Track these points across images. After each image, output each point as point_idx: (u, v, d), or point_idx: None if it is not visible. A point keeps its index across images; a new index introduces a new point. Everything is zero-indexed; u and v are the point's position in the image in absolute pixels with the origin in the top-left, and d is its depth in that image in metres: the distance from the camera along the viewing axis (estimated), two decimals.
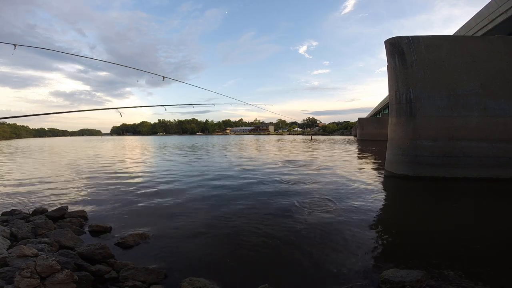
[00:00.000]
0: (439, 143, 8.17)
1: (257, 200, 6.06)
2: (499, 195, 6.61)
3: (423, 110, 8.30)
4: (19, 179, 8.98)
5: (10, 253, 2.71)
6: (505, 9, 8.92)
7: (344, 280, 2.78)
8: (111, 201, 5.97)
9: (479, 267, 3.02)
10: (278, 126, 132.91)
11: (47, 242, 3.24)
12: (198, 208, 5.46)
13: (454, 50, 8.22)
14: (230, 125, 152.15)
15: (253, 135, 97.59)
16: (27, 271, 2.15)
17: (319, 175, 9.26)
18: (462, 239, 3.90)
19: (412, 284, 2.52)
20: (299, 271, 3.02)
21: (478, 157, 7.91)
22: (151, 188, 7.42)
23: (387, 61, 9.31)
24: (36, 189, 7.28)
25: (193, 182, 8.32)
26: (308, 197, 6.21)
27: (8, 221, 4.20)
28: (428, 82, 8.28)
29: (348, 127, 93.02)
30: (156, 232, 4.09)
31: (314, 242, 3.74)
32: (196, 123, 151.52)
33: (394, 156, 8.96)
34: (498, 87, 7.95)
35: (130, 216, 4.95)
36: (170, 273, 2.92)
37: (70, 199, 6.23)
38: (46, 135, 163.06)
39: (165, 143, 39.25)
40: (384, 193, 6.87)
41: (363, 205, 5.48)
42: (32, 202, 5.91)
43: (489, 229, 4.37)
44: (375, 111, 53.83)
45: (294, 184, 7.75)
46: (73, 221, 4.41)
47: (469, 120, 8.06)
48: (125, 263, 2.96)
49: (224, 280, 2.76)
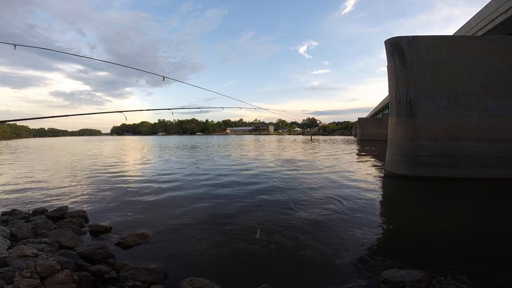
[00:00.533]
0: (439, 143, 8.17)
1: (257, 200, 6.06)
2: (499, 195, 6.61)
3: (423, 110, 8.30)
4: (19, 179, 8.98)
5: (10, 253, 2.71)
6: (505, 9, 8.91)
7: (344, 280, 2.78)
8: (111, 201, 5.97)
9: (479, 267, 3.02)
10: (278, 126, 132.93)
11: (47, 242, 3.24)
12: (198, 208, 5.46)
13: (454, 50, 8.22)
14: (230, 125, 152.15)
15: (253, 135, 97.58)
16: (27, 271, 2.15)
17: (319, 175, 9.26)
18: (462, 239, 3.90)
19: (412, 284, 2.52)
20: (299, 271, 3.02)
21: (478, 157, 7.91)
22: (151, 188, 7.42)
23: (387, 61, 9.31)
24: (36, 189, 7.28)
25: (193, 182, 8.32)
26: (307, 197, 6.21)
27: (8, 221, 4.20)
28: (428, 82, 8.28)
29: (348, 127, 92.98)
30: (156, 232, 4.09)
31: (314, 242, 3.73)
32: (196, 123, 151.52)
33: (394, 156, 8.96)
34: (498, 87, 7.95)
35: (130, 216, 4.95)
36: (170, 273, 2.92)
37: (70, 199, 6.23)
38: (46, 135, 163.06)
39: (165, 143, 39.24)
40: (384, 193, 6.87)
41: (363, 205, 5.48)
42: (32, 202, 5.91)
43: (489, 229, 4.37)
44: (375, 111, 53.82)
45: (294, 184, 7.75)
46: (73, 221, 4.41)
47: (469, 120, 8.06)
48: (125, 263, 2.97)
49: (224, 280, 2.76)
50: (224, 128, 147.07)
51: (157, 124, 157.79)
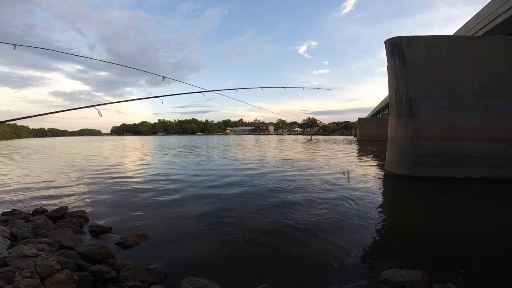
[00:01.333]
0: (439, 143, 8.16)
1: (257, 200, 6.06)
2: (499, 195, 6.60)
3: (423, 110, 8.30)
4: (19, 179, 8.98)
5: (10, 253, 2.70)
6: (505, 9, 8.90)
7: (344, 280, 2.78)
8: (111, 201, 5.98)
9: (479, 267, 3.02)
10: (278, 126, 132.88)
11: (47, 242, 3.24)
12: (198, 208, 5.46)
13: (454, 50, 8.22)
14: (230, 125, 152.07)
15: (253, 135, 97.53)
16: (27, 271, 2.14)
17: (319, 175, 9.26)
18: (462, 239, 3.90)
19: (412, 284, 2.52)
20: (299, 271, 3.02)
21: (478, 157, 7.90)
22: (151, 188, 7.42)
23: (387, 61, 9.30)
24: (36, 189, 7.28)
25: (193, 182, 8.32)
26: (307, 197, 6.21)
27: (8, 221, 4.20)
28: (428, 82, 8.28)
29: (348, 127, 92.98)
30: (156, 232, 4.09)
31: (314, 242, 3.74)
32: (196, 123, 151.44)
33: (394, 156, 8.96)
34: (498, 87, 7.94)
35: (130, 216, 4.95)
36: (170, 273, 2.92)
37: (70, 199, 6.23)
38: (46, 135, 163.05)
39: (165, 144, 39.24)
40: (384, 193, 6.87)
41: (363, 205, 5.48)
42: (32, 202, 5.91)
43: (489, 229, 4.37)
44: (375, 111, 53.79)
45: (293, 184, 7.75)
46: (73, 221, 4.41)
47: (469, 120, 8.06)
48: (125, 263, 2.96)
49: (224, 280, 2.76)
50: (224, 128, 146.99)
51: (157, 124, 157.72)
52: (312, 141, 39.25)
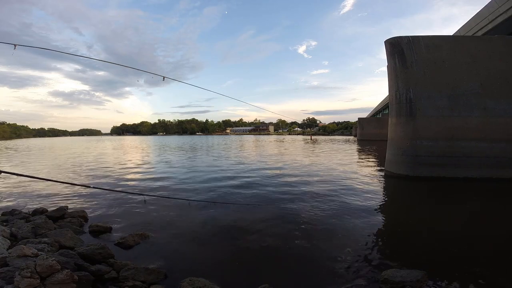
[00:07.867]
0: (439, 143, 8.16)
1: (257, 200, 6.06)
2: (499, 195, 6.60)
3: (423, 110, 8.30)
4: (19, 179, 8.96)
5: (10, 253, 2.70)
6: (505, 9, 8.90)
7: (344, 280, 2.78)
8: (111, 201, 5.97)
9: (479, 267, 3.02)
10: (278, 126, 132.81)
11: (47, 242, 3.24)
12: (198, 208, 5.46)
13: (454, 50, 8.22)
14: (230, 125, 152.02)
15: (253, 135, 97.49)
16: (27, 271, 2.14)
17: (319, 175, 9.26)
18: (462, 239, 3.90)
19: (412, 284, 2.52)
20: (299, 271, 3.02)
21: (478, 157, 7.91)
22: (150, 188, 7.42)
23: (387, 61, 9.30)
24: (36, 189, 7.27)
25: (193, 182, 8.32)
26: (308, 197, 6.21)
27: (8, 221, 4.20)
28: (428, 82, 8.28)
29: (348, 127, 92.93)
30: (156, 232, 4.09)
31: (314, 242, 3.73)
32: (196, 123, 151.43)
33: (394, 156, 8.96)
34: (498, 87, 7.94)
35: (130, 216, 4.95)
36: (170, 273, 2.92)
37: (70, 199, 6.23)
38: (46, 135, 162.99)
39: (165, 144, 39.22)
40: (384, 193, 6.87)
41: (363, 205, 5.48)
42: (32, 202, 5.91)
43: (489, 229, 4.37)
44: (375, 111, 53.78)
45: (294, 184, 7.75)
46: (73, 221, 4.41)
47: (469, 120, 8.06)
48: (125, 263, 2.96)
49: (224, 280, 2.76)
50: (224, 128, 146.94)
51: (157, 124, 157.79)
52: (312, 141, 39.24)
